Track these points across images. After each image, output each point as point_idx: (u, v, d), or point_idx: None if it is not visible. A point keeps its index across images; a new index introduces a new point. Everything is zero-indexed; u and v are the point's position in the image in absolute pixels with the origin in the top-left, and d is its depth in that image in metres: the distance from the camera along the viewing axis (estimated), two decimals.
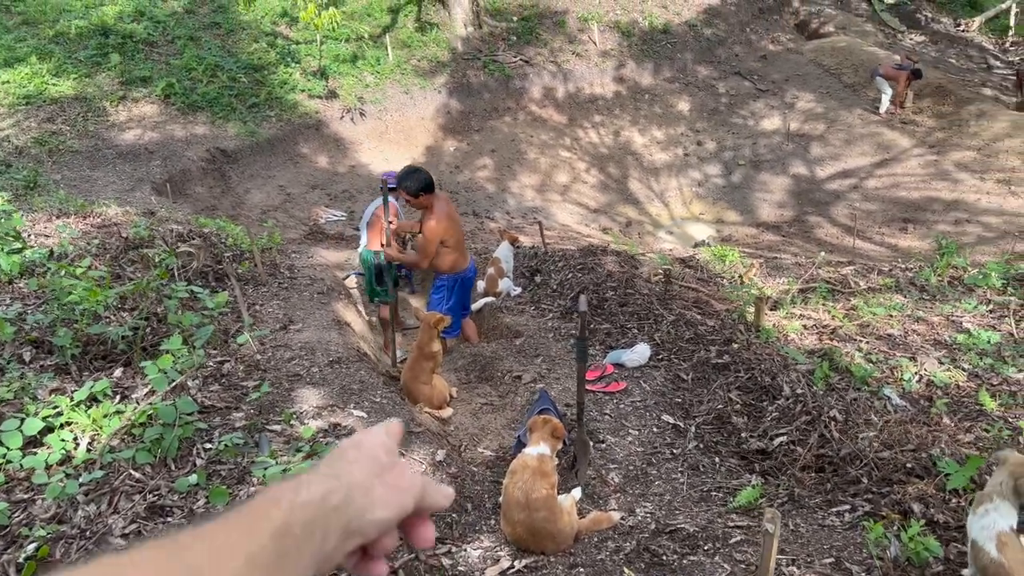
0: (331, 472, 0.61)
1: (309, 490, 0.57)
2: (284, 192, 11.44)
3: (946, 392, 5.04)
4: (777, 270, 8.04)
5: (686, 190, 14.19)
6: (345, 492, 0.59)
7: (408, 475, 0.67)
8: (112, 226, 6.94)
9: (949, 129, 13.83)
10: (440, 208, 5.49)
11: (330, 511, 0.57)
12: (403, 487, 0.65)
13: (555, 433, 3.88)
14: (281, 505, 0.55)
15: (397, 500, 0.63)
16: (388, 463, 0.65)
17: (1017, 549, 2.76)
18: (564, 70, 16.11)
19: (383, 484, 0.63)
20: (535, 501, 3.55)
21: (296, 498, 0.56)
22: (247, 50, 13.52)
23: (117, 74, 12.09)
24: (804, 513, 3.82)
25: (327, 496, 0.58)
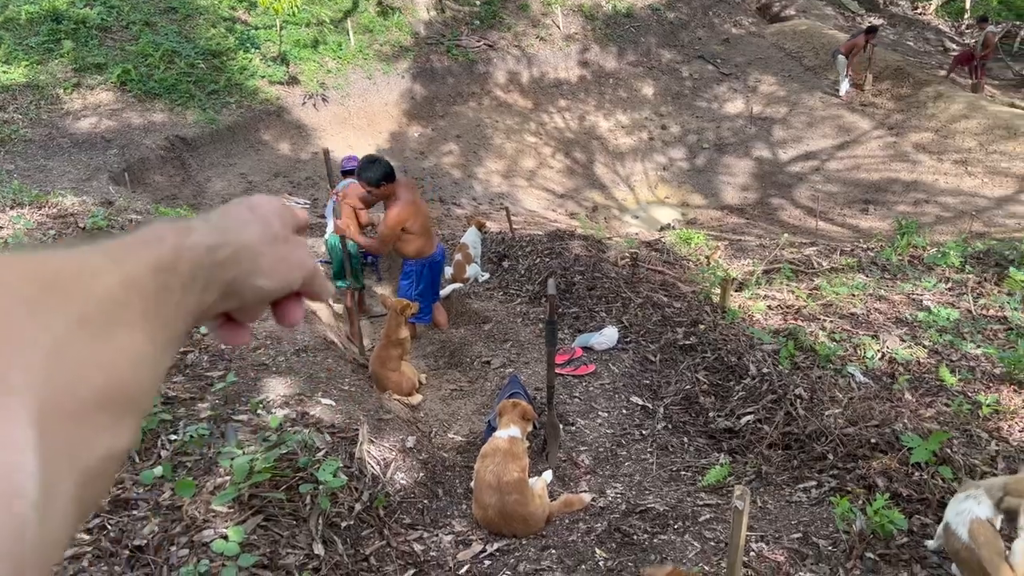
0: (220, 226, 0.56)
1: (197, 237, 0.52)
2: (246, 180, 11.25)
3: (908, 369, 5.14)
4: (742, 252, 8.12)
5: (651, 174, 14.25)
6: (233, 250, 0.55)
7: (301, 252, 0.62)
8: (68, 216, 6.76)
9: (907, 111, 14.05)
10: (403, 196, 5.42)
11: (215, 264, 0.53)
12: (292, 263, 0.61)
13: (525, 415, 3.88)
14: (166, 242, 0.50)
15: (284, 274, 0.59)
16: (282, 235, 0.61)
17: (988, 537, 2.82)
18: (528, 54, 16.03)
19: (273, 254, 0.59)
20: (507, 484, 3.56)
21: (182, 241, 0.51)
22: (205, 35, 13.23)
23: (70, 61, 11.76)
24: (771, 490, 3.87)
25: (215, 249, 0.53)
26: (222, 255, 0.54)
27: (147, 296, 0.46)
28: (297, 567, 2.98)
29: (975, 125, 12.96)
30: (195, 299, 0.51)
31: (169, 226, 0.52)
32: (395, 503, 3.77)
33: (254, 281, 0.57)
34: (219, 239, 0.54)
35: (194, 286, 0.51)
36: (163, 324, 0.47)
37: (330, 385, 4.46)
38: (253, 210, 0.61)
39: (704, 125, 15.14)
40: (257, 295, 0.58)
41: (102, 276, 0.43)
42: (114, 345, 0.42)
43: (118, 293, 0.44)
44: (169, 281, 0.48)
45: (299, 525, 3.21)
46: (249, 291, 0.57)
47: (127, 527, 2.91)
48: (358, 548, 3.35)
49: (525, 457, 3.75)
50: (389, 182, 5.29)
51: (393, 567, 3.33)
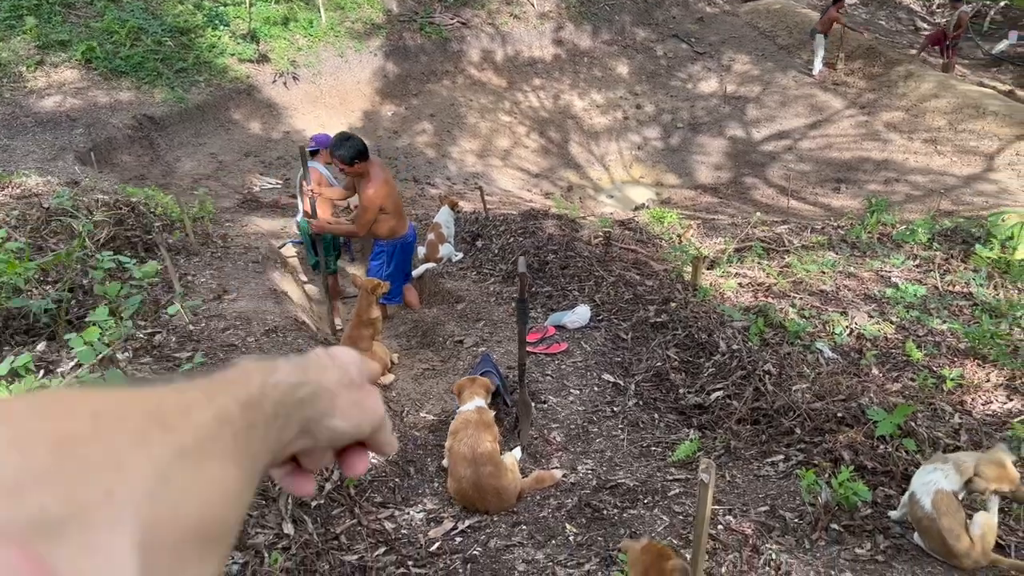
0: (302, 366, 0.59)
1: (281, 375, 0.56)
2: (216, 160, 11.09)
3: (875, 344, 5.21)
4: (714, 230, 8.16)
5: (626, 153, 14.25)
6: (313, 390, 0.58)
7: (374, 400, 0.66)
8: (32, 197, 6.63)
9: (879, 90, 14.15)
10: (377, 174, 5.36)
11: (296, 402, 0.56)
12: (366, 408, 0.64)
13: (484, 387, 3.95)
14: (253, 380, 0.53)
15: (357, 418, 0.62)
16: (358, 382, 0.64)
17: (950, 507, 2.88)
18: (502, 32, 15.91)
19: (349, 398, 0.62)
20: (481, 456, 3.58)
21: (267, 379, 0.54)
22: (172, 12, 12.96)
23: (33, 37, 11.47)
24: (740, 464, 3.92)
25: (297, 387, 0.56)
26: (303, 393, 0.57)
27: (237, 431, 0.48)
28: (267, 546, 2.97)
29: (945, 104, 13.08)
30: (276, 434, 0.54)
31: (256, 365, 0.55)
32: (366, 482, 3.77)
33: (329, 421, 0.59)
34: (301, 378, 0.57)
35: (276, 422, 0.54)
36: (250, 458, 0.50)
37: None
38: (333, 357, 0.64)
39: (678, 104, 15.15)
40: (330, 435, 0.60)
41: (198, 410, 0.46)
42: (208, 477, 0.44)
43: (212, 427, 0.46)
44: (256, 417, 0.51)
45: (268, 505, 3.20)
46: (324, 431, 0.59)
47: None
48: (328, 527, 3.34)
49: (495, 426, 3.79)
50: (362, 160, 5.24)
51: (364, 545, 3.33)
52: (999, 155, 11.73)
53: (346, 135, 5.29)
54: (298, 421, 0.56)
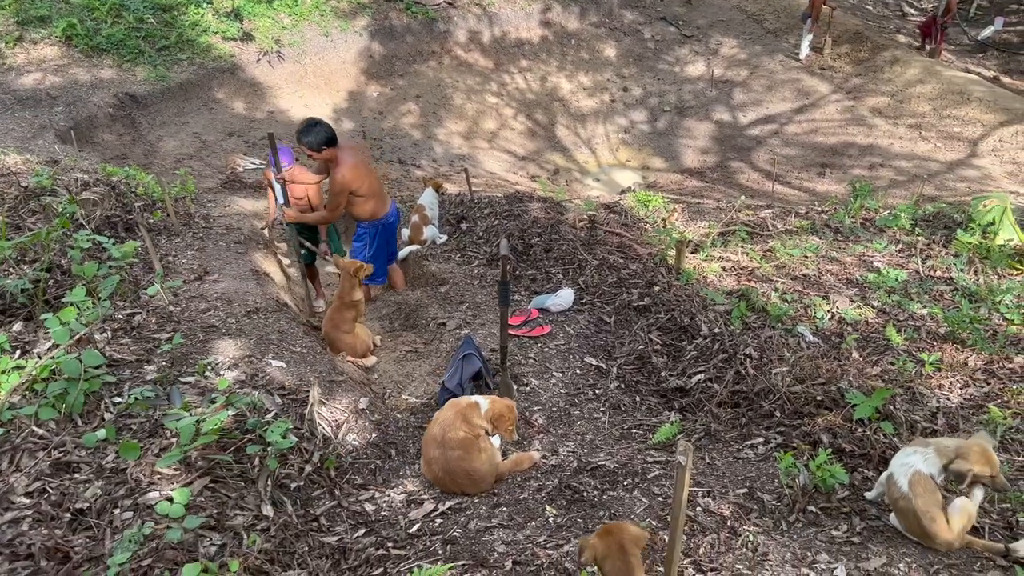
0: None
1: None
2: (199, 139, 10.98)
3: (856, 328, 5.24)
4: (699, 214, 8.17)
5: (613, 137, 14.22)
6: None
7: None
8: (11, 175, 6.54)
9: (865, 75, 14.17)
10: (346, 159, 5.28)
11: None
12: None
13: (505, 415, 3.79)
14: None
15: None
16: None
17: (926, 490, 2.91)
18: (489, 13, 15.79)
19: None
20: (450, 440, 3.58)
21: None
22: None
23: (12, 14, 11.29)
24: (720, 447, 3.94)
25: None
26: None
27: None
28: (245, 528, 2.96)
29: (930, 90, 13.12)
30: None
31: None
32: (347, 464, 3.76)
33: None
34: None
35: None
36: None
37: (281, 347, 4.42)
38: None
39: (665, 88, 15.11)
40: None
41: None
42: None
43: None
44: None
45: (248, 487, 3.18)
46: None
47: (68, 490, 2.86)
48: (308, 508, 3.34)
49: (480, 428, 3.70)
50: (331, 146, 5.15)
51: (344, 527, 3.33)
52: (982, 141, 11.79)
53: (313, 121, 5.19)
54: None
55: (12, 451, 3.00)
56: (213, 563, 2.69)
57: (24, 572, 2.51)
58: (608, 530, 2.50)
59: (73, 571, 2.57)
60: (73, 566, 2.58)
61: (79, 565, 2.59)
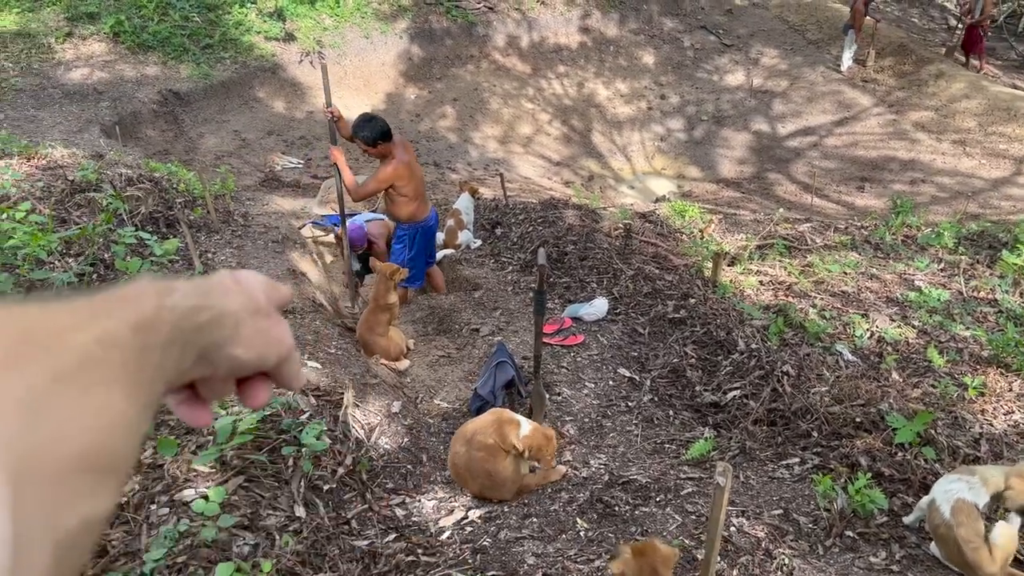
0: (204, 290, 0.55)
1: (179, 297, 0.51)
2: (239, 137, 11.12)
3: (896, 348, 5.14)
4: (735, 226, 8.08)
5: (649, 144, 14.14)
6: (214, 315, 0.53)
7: (281, 329, 0.61)
8: (58, 168, 6.66)
9: (908, 89, 13.93)
10: (399, 156, 5.34)
11: (195, 327, 0.51)
12: (271, 337, 0.59)
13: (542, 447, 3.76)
14: (147, 301, 0.48)
15: (261, 347, 0.58)
16: (265, 309, 0.60)
17: (969, 518, 2.84)
18: (528, 18, 15.80)
19: (254, 325, 0.57)
20: (477, 442, 3.58)
21: (163, 300, 0.49)
22: None
23: (63, 9, 11.53)
24: (755, 466, 3.89)
25: (196, 311, 0.52)
26: (203, 318, 0.52)
27: (126, 355, 0.44)
28: (278, 529, 2.97)
29: (976, 105, 12.87)
30: (172, 361, 0.50)
31: (151, 284, 0.50)
32: (378, 467, 3.77)
33: (230, 349, 0.55)
34: (201, 302, 0.53)
35: (173, 348, 0.49)
36: (142, 385, 0.46)
37: (317, 348, 4.44)
38: (239, 281, 0.59)
39: (704, 96, 14.99)
40: (230, 364, 0.56)
41: (80, 332, 0.42)
42: (92, 403, 0.41)
43: (96, 350, 0.42)
44: (149, 341, 0.47)
45: (281, 487, 3.20)
46: (224, 359, 0.55)
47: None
48: (340, 511, 3.35)
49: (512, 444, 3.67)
50: (385, 141, 5.21)
51: (374, 531, 3.33)
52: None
53: (368, 116, 5.26)
54: (197, 347, 0.52)
55: None
56: (246, 563, 2.70)
57: None
58: (640, 550, 2.47)
59: (110, 565, 2.60)
60: (110, 560, 2.61)
61: (116, 559, 2.62)
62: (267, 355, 0.59)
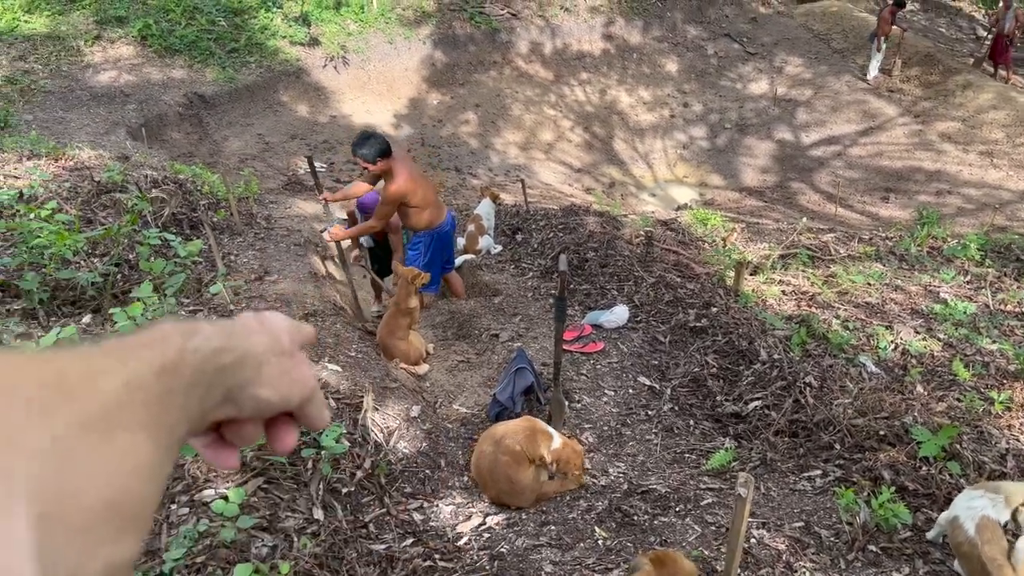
0: (227, 330, 0.55)
1: (202, 339, 0.51)
2: (263, 141, 11.21)
3: (920, 361, 5.08)
4: (758, 235, 8.03)
5: (671, 152, 14.09)
6: (237, 357, 0.54)
7: (305, 370, 0.62)
8: (84, 169, 6.75)
9: (935, 99, 13.79)
10: (401, 170, 5.29)
11: (218, 369, 0.52)
12: (295, 378, 0.60)
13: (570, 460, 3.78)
14: (169, 343, 0.49)
15: (286, 387, 0.58)
16: (288, 349, 0.60)
17: (994, 535, 2.79)
18: (552, 25, 15.81)
19: (278, 366, 0.58)
20: (505, 446, 3.57)
21: (187, 343, 0.50)
22: None
23: (92, 13, 11.69)
24: (776, 477, 3.84)
25: (219, 353, 0.52)
26: (226, 359, 0.53)
27: (151, 399, 0.45)
28: (296, 531, 2.98)
29: (1004, 117, 12.71)
30: (196, 403, 0.50)
31: (174, 327, 0.51)
32: (397, 472, 3.77)
33: (255, 390, 0.56)
34: (224, 343, 0.54)
35: (196, 390, 0.50)
36: (166, 428, 0.46)
37: (337, 351, 4.45)
38: (263, 323, 0.60)
39: (727, 105, 14.93)
40: (255, 405, 0.57)
41: (106, 377, 0.43)
42: (117, 450, 0.42)
43: (122, 395, 0.43)
44: (173, 384, 0.48)
45: (300, 489, 3.21)
46: (248, 400, 0.56)
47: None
48: (358, 515, 3.35)
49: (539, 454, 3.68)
50: (385, 158, 5.18)
51: (392, 535, 3.33)
52: None
53: (368, 134, 5.23)
54: (221, 389, 0.53)
55: None
56: (264, 564, 2.71)
57: None
58: (661, 560, 2.45)
59: None
60: None
61: (135, 558, 2.63)
62: (290, 395, 0.59)
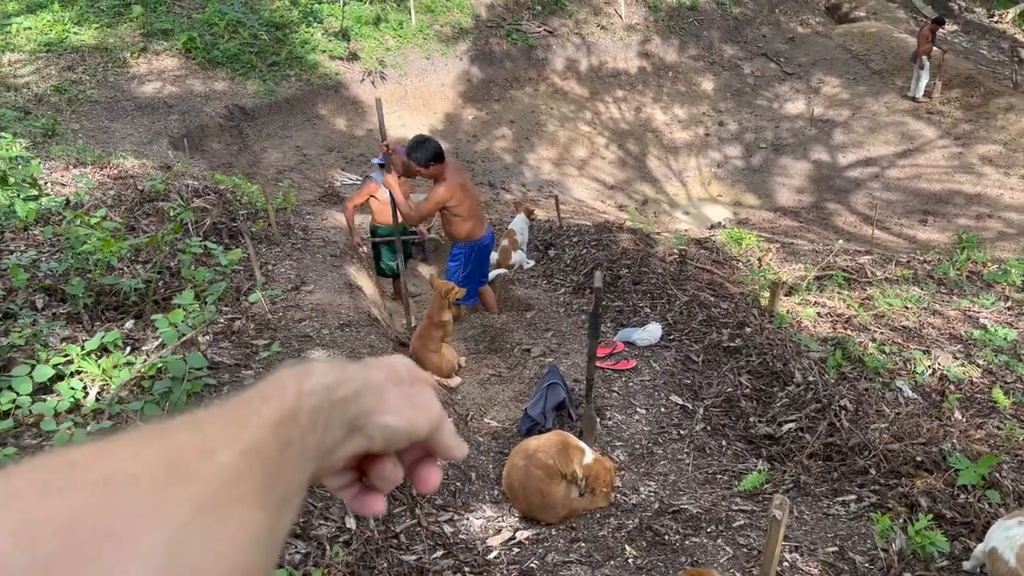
0: (340, 367, 0.55)
1: (317, 378, 0.52)
2: (301, 153, 11.38)
3: (959, 387, 5.00)
4: (793, 256, 7.96)
5: (705, 170, 14.04)
6: (356, 387, 0.54)
7: (429, 397, 0.61)
8: (128, 178, 6.92)
9: (976, 121, 13.60)
10: (451, 177, 5.39)
11: (337, 401, 0.52)
12: (419, 403, 0.59)
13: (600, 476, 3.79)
14: (287, 392, 0.49)
15: (411, 414, 0.58)
16: (408, 379, 0.60)
17: None
18: (588, 42, 15.89)
19: (398, 392, 0.58)
20: (538, 459, 3.58)
21: (302, 386, 0.50)
22: (269, 7, 13.38)
23: (139, 25, 12.00)
24: (809, 501, 3.80)
25: (335, 386, 0.52)
26: (343, 392, 0.53)
27: (268, 460, 0.45)
28: (328, 539, 3.01)
29: None
30: (317, 442, 0.50)
31: (290, 371, 0.51)
32: None
33: (379, 419, 0.56)
34: (340, 377, 0.53)
35: (315, 430, 0.50)
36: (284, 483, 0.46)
37: None
38: (380, 360, 0.60)
39: (762, 124, 14.85)
40: (384, 434, 0.56)
41: (223, 449, 0.43)
42: (233, 526, 0.41)
43: (240, 466, 0.43)
44: (291, 434, 0.48)
45: (333, 497, 3.24)
46: (376, 429, 0.55)
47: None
48: (389, 525, 3.37)
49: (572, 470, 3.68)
50: (438, 162, 5.29)
51: (423, 546, 3.34)
52: None
53: (422, 138, 5.34)
54: (342, 422, 0.52)
55: None
56: (297, 571, 2.74)
57: None
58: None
59: None
60: None
61: None
62: (417, 421, 0.59)
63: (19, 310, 4.09)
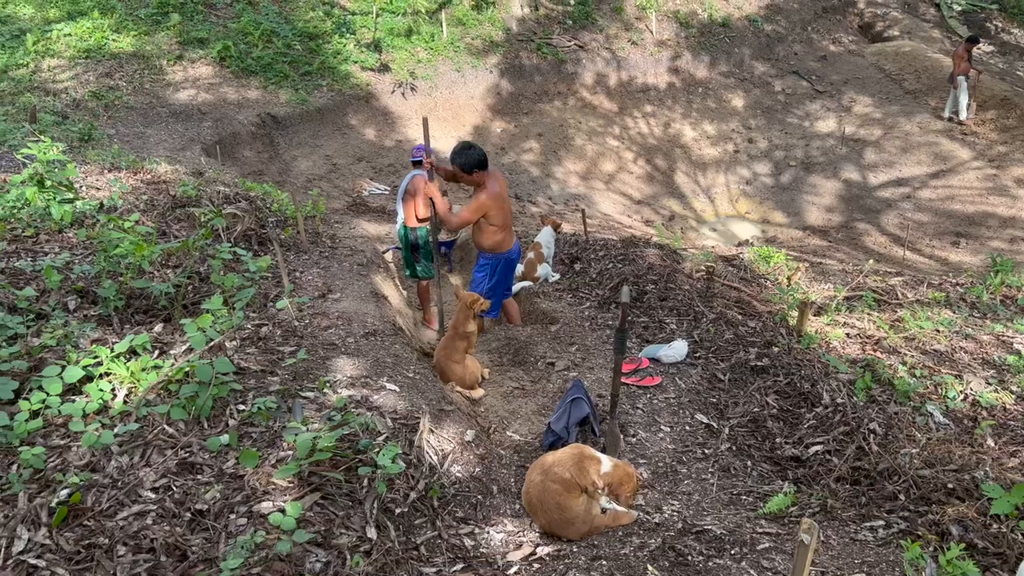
0: None
1: None
2: (330, 162, 11.49)
3: (992, 413, 4.89)
4: (822, 275, 7.87)
5: (733, 187, 13.96)
6: None
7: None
8: (161, 183, 7.02)
9: (1012, 143, 13.40)
10: (492, 186, 5.48)
11: None
12: None
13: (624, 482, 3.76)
14: None
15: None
16: None
17: None
18: (618, 57, 15.90)
19: None
20: (554, 474, 3.55)
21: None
22: (303, 18, 13.56)
23: (176, 34, 12.22)
24: (836, 525, 3.73)
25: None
26: None
27: None
28: (349, 548, 3.00)
29: None
30: None
31: None
32: (449, 495, 3.77)
33: None
34: None
35: None
36: None
37: (395, 371, 4.50)
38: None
39: (792, 142, 14.75)
40: None
41: None
42: None
43: None
44: None
45: (354, 507, 3.23)
46: None
47: (191, 490, 2.98)
48: (410, 536, 3.35)
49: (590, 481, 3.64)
50: (481, 170, 5.37)
51: (443, 559, 3.32)
52: None
53: (468, 144, 5.44)
54: None
55: (144, 446, 3.16)
56: None
57: (145, 565, 2.62)
58: None
59: (189, 570, 2.66)
60: (189, 565, 2.68)
61: (195, 564, 2.68)
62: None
63: (52, 311, 4.14)
